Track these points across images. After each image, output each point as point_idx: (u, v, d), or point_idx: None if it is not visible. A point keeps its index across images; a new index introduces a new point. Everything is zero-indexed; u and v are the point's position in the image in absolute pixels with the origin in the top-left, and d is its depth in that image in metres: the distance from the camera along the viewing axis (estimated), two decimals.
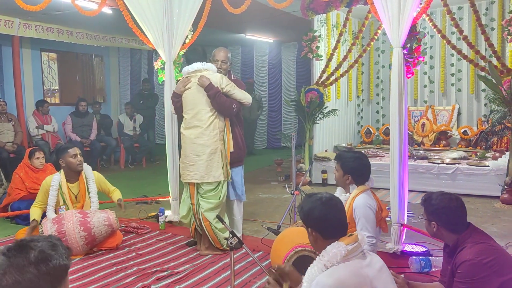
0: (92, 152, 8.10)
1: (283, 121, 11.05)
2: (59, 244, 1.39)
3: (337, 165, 3.20)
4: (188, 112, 3.96)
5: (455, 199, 2.33)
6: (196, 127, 3.89)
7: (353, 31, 7.82)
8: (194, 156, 3.88)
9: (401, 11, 3.56)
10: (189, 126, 3.94)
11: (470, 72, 7.48)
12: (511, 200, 5.25)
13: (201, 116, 3.90)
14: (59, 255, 1.36)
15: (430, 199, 2.36)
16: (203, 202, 3.91)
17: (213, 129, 3.88)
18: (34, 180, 5.00)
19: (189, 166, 3.92)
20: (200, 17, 4.79)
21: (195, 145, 3.87)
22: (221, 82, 3.90)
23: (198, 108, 3.90)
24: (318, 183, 6.74)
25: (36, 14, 5.36)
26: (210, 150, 3.86)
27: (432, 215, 2.34)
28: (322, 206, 1.98)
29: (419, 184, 6.00)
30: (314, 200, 2.02)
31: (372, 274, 1.88)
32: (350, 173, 3.13)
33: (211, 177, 3.86)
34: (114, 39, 8.95)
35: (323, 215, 1.96)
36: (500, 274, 2.11)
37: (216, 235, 3.91)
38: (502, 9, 6.95)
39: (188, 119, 3.95)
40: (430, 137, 7.49)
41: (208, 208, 3.89)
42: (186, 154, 3.95)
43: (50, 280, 1.33)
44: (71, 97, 9.31)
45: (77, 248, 3.86)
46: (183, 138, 3.98)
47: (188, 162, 3.92)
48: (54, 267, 1.33)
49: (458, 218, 2.30)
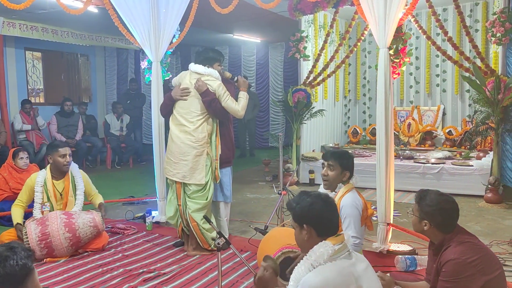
0: (78, 152, 8.01)
1: (271, 121, 11.06)
2: (18, 246, 1.43)
3: (332, 163, 3.10)
4: (179, 110, 3.94)
5: (452, 201, 2.32)
6: (184, 126, 3.88)
7: (340, 31, 7.86)
8: (180, 155, 3.87)
9: (387, 12, 3.59)
10: (177, 123, 3.92)
11: (454, 73, 7.57)
12: (494, 199, 5.34)
13: (191, 117, 3.88)
14: (17, 255, 1.39)
15: (426, 199, 2.33)
16: (191, 202, 3.89)
17: (201, 132, 3.87)
18: (18, 180, 4.93)
19: (173, 163, 3.91)
20: (187, 17, 4.77)
21: (183, 145, 3.86)
22: (218, 90, 3.89)
23: (189, 109, 3.89)
24: (306, 183, 6.76)
25: (20, 12, 5.26)
26: (196, 152, 3.84)
27: (427, 214, 2.31)
28: (323, 202, 1.99)
29: (405, 183, 6.06)
30: (313, 196, 2.02)
31: (357, 273, 1.89)
32: (348, 169, 3.13)
33: (193, 179, 3.85)
34: (100, 38, 8.85)
35: (323, 211, 1.96)
36: (484, 273, 2.13)
37: (204, 236, 3.90)
38: (486, 11, 7.05)
39: (178, 117, 3.93)
40: (416, 137, 7.57)
41: (195, 208, 3.88)
42: (172, 151, 3.93)
43: (10, 280, 1.36)
44: (56, 97, 9.20)
45: (62, 250, 3.81)
46: (171, 133, 3.95)
47: (173, 159, 3.91)
48: (11, 267, 1.36)
49: (452, 220, 2.31)
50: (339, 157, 3.12)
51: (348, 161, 3.14)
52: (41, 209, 4.03)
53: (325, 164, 3.17)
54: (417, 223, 2.38)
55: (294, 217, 2.03)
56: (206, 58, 4.00)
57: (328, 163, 3.14)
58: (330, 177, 3.12)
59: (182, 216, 3.95)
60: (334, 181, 3.12)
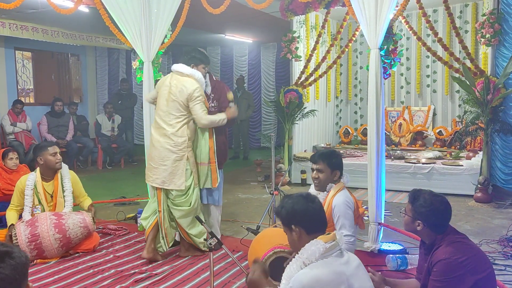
0: (69, 153, 7.96)
1: (263, 121, 11.06)
2: (6, 243, 1.46)
3: (320, 167, 3.11)
4: (159, 112, 3.83)
5: (446, 202, 2.33)
6: (164, 129, 3.76)
7: (332, 32, 7.89)
8: (159, 160, 3.76)
9: (378, 13, 3.61)
10: (157, 127, 3.83)
11: (445, 73, 7.64)
12: (484, 198, 5.39)
13: (170, 119, 3.76)
14: (14, 249, 1.40)
15: (420, 199, 2.33)
16: (175, 210, 3.80)
17: (181, 136, 3.74)
18: (7, 181, 4.88)
19: (153, 168, 3.81)
20: (179, 17, 4.75)
21: (162, 149, 3.75)
22: (193, 93, 3.71)
23: (168, 112, 3.76)
24: (297, 183, 6.78)
25: (10, 12, 5.23)
26: (175, 157, 3.73)
27: (421, 215, 2.31)
28: (304, 200, 2.04)
29: (396, 183, 6.10)
30: (294, 197, 2.09)
31: (349, 271, 1.91)
32: (338, 168, 3.14)
33: (172, 184, 3.73)
34: (91, 38, 8.81)
35: (305, 208, 2.01)
36: (474, 272, 2.15)
37: (194, 241, 3.87)
38: (475, 12, 7.13)
39: (158, 120, 3.83)
40: (406, 137, 7.63)
41: (180, 215, 3.79)
42: (152, 156, 3.84)
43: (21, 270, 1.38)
44: (46, 97, 9.12)
45: (52, 251, 3.78)
46: (151, 138, 3.87)
47: (153, 164, 3.81)
48: (19, 257, 1.38)
49: (445, 220, 2.32)
50: (327, 157, 3.14)
51: (337, 160, 3.16)
52: (31, 212, 4.00)
53: (314, 167, 3.17)
54: (410, 223, 2.38)
55: (282, 221, 2.09)
56: (192, 57, 3.90)
57: (317, 168, 3.14)
58: (321, 179, 3.14)
59: (161, 224, 3.82)
60: (325, 182, 3.14)
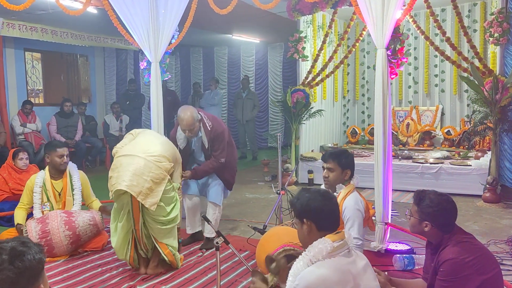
0: (77, 153, 8.02)
1: (270, 121, 11.07)
2: (29, 241, 1.43)
3: (331, 165, 3.09)
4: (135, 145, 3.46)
5: (451, 201, 2.32)
6: (138, 157, 3.30)
7: (339, 32, 7.87)
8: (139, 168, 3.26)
9: (384, 13, 3.61)
10: (127, 154, 3.37)
11: (453, 73, 7.59)
12: (492, 198, 5.36)
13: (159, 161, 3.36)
14: (32, 250, 1.39)
15: (426, 200, 2.31)
16: (154, 227, 3.38)
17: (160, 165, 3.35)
18: (17, 181, 4.94)
19: (121, 174, 3.25)
20: (186, 17, 4.78)
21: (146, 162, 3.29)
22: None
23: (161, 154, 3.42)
24: (304, 183, 6.77)
25: (20, 13, 5.29)
26: (153, 176, 3.27)
27: (429, 215, 2.29)
28: (321, 197, 2.04)
29: (404, 183, 6.08)
30: (312, 192, 2.09)
31: (355, 271, 1.91)
32: (349, 168, 3.12)
33: (141, 195, 3.19)
34: (100, 38, 8.87)
35: (321, 205, 2.01)
36: (481, 272, 2.14)
37: (175, 259, 3.55)
38: (484, 11, 7.07)
39: (130, 147, 3.43)
40: (414, 137, 7.59)
41: (162, 234, 3.42)
42: (117, 166, 3.35)
43: (28, 275, 1.36)
44: (55, 98, 9.20)
45: (62, 248, 3.83)
46: (116, 161, 3.40)
47: (120, 170, 3.28)
48: (30, 261, 1.36)
49: (452, 219, 2.31)
50: (338, 156, 3.12)
51: (347, 159, 3.14)
52: (41, 209, 4.05)
53: (324, 166, 3.17)
54: (417, 224, 2.36)
55: (295, 212, 2.09)
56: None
57: (327, 166, 3.13)
58: (331, 178, 3.12)
59: (140, 241, 3.44)
60: (335, 181, 3.12)
